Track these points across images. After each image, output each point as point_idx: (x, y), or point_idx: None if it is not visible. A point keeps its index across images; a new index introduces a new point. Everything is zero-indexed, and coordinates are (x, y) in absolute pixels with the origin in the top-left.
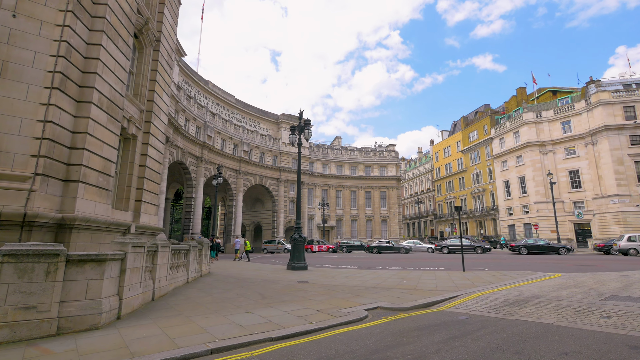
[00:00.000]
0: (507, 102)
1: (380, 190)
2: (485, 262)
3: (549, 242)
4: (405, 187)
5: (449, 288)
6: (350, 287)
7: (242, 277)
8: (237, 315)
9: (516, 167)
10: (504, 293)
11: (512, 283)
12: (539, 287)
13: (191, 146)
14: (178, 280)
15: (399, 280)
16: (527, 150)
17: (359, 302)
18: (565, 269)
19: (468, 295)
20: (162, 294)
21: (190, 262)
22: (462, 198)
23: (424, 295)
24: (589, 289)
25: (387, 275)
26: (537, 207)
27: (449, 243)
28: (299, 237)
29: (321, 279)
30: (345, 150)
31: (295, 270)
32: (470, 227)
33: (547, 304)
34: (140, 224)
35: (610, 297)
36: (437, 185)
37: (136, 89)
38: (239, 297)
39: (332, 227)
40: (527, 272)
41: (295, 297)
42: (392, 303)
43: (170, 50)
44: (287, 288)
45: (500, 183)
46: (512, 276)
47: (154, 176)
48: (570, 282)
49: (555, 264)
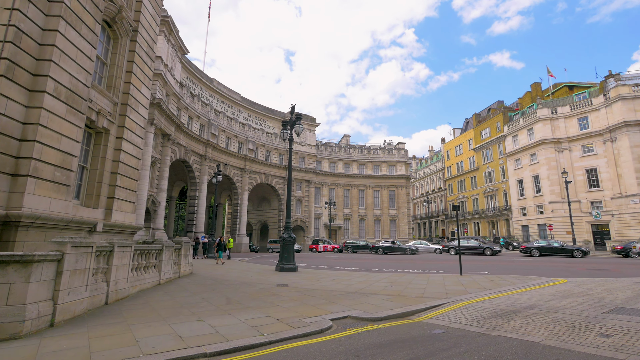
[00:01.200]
0: (521, 99)
1: (389, 189)
2: (491, 264)
3: (562, 244)
4: (416, 186)
5: (436, 295)
6: (330, 291)
7: (222, 279)
8: (186, 324)
9: (530, 166)
10: (496, 302)
11: (510, 290)
12: (537, 295)
13: (194, 144)
14: (145, 283)
15: (387, 285)
16: (541, 147)
17: (329, 310)
18: (574, 274)
19: (455, 304)
20: (121, 297)
21: (164, 263)
22: (473, 197)
23: (406, 303)
24: (593, 299)
25: (376, 278)
26: (552, 207)
27: (457, 244)
28: (288, 237)
29: (304, 282)
30: (354, 149)
31: (283, 271)
32: (482, 227)
33: (540, 316)
34: (112, 222)
35: (616, 309)
36: (448, 185)
37: (110, 80)
38: (202, 301)
39: (339, 226)
40: (530, 277)
41: (263, 302)
42: (365, 312)
43: (152, 41)
44: (260, 292)
45: (513, 182)
46: (511, 281)
47: (130, 172)
48: (574, 289)
49: (566, 268)
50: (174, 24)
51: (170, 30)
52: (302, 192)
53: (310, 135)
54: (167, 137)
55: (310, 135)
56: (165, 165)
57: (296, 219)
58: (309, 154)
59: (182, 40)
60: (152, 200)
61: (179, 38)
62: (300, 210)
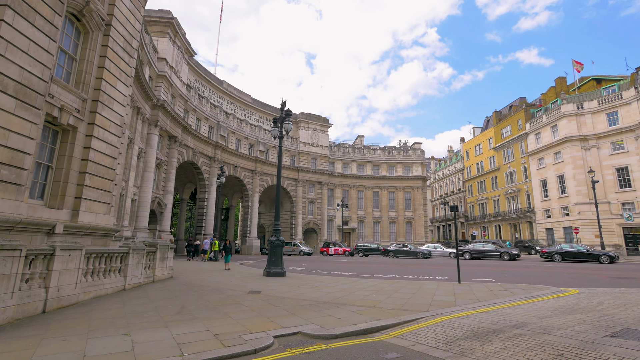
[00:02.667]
0: (545, 94)
1: (405, 190)
2: (503, 270)
3: (587, 249)
4: (435, 187)
5: (418, 307)
6: (301, 300)
7: (196, 285)
8: (105, 339)
9: (554, 165)
10: (482, 317)
11: (506, 302)
12: (535, 309)
13: (203, 146)
14: (105, 288)
15: (369, 294)
16: (566, 145)
17: (282, 325)
18: (593, 283)
19: (433, 319)
20: (67, 304)
21: (130, 267)
22: (494, 199)
23: (376, 317)
24: (599, 316)
25: (363, 286)
26: (578, 208)
27: (472, 248)
28: (276, 239)
29: (281, 289)
30: (368, 150)
31: (269, 276)
32: (503, 230)
33: (524, 338)
34: (78, 223)
35: (623, 331)
36: (468, 186)
37: (79, 76)
38: (151, 310)
39: (353, 229)
40: (537, 286)
41: (217, 313)
42: (322, 327)
43: (130, 37)
44: (225, 300)
45: (536, 182)
46: (513, 292)
47: (104, 172)
48: (582, 303)
49: (585, 276)
50: (180, 26)
51: (175, 33)
52: (314, 194)
53: (323, 136)
54: (174, 139)
55: (322, 136)
56: (172, 167)
57: (308, 221)
58: (322, 155)
59: (188, 43)
60: (158, 202)
61: (185, 40)
62: (313, 212)
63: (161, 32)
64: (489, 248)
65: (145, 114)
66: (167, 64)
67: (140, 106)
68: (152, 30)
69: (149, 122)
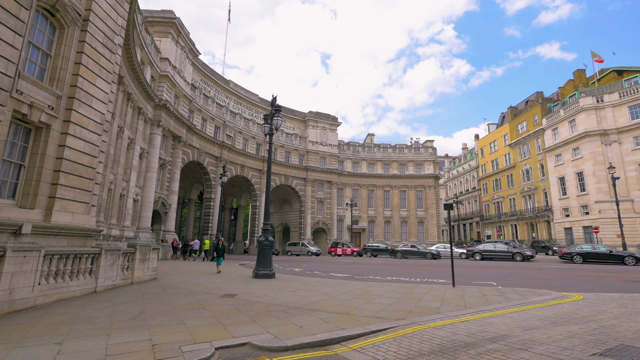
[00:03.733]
0: (562, 88)
1: (417, 189)
2: (510, 272)
3: (611, 250)
4: (449, 186)
5: (394, 315)
6: (273, 305)
7: (173, 286)
8: (32, 348)
9: (573, 161)
10: (460, 328)
11: (496, 309)
12: (524, 318)
13: (209, 146)
14: (70, 291)
15: (348, 299)
16: (585, 141)
17: (235, 333)
18: (604, 287)
19: (404, 329)
20: (21, 308)
21: (103, 269)
22: (510, 197)
23: (342, 326)
24: (594, 328)
25: (349, 289)
26: (599, 207)
27: (482, 248)
28: (264, 240)
29: (259, 292)
30: (378, 148)
31: (257, 278)
32: (520, 230)
33: (497, 355)
34: (51, 223)
35: (616, 349)
36: (482, 184)
37: (53, 72)
38: (105, 316)
39: (363, 229)
40: (539, 290)
41: (175, 318)
42: (275, 337)
43: (112, 32)
44: (192, 304)
45: (554, 180)
46: (508, 297)
47: (82, 170)
48: (581, 311)
49: (600, 279)
50: (183, 26)
51: (178, 32)
52: (323, 193)
53: (332, 135)
54: (178, 139)
55: (331, 135)
56: (176, 168)
57: (317, 221)
58: (331, 154)
59: (193, 43)
60: (162, 202)
61: (189, 40)
62: (322, 212)
63: (164, 33)
64: (500, 248)
65: (147, 114)
66: (169, 64)
67: (142, 106)
68: (155, 30)
69: (152, 122)
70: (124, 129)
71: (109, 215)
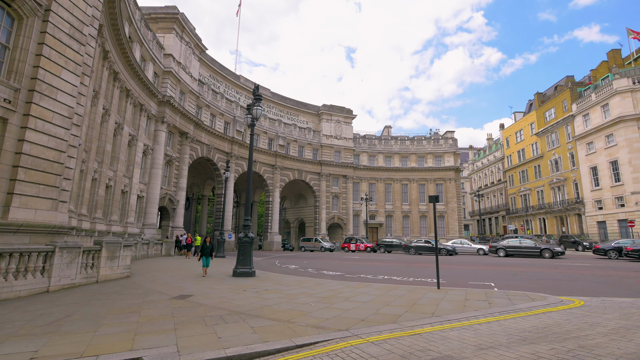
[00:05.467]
0: (595, 70)
1: (436, 182)
2: (521, 271)
3: None
4: (474, 179)
5: (340, 324)
6: (218, 309)
7: (135, 286)
8: None
9: (606, 149)
10: (402, 343)
11: (467, 318)
12: (491, 332)
13: (219, 142)
14: (14, 291)
15: (312, 301)
16: (620, 126)
17: (140, 345)
18: (621, 290)
19: (337, 343)
20: None
21: (57, 267)
22: (538, 190)
23: (269, 337)
24: (569, 350)
25: (320, 290)
26: (635, 198)
27: (507, 244)
28: (244, 236)
29: (220, 293)
30: (395, 140)
31: (236, 276)
32: (549, 224)
33: None
34: (8, 220)
35: None
36: (508, 176)
37: (12, 64)
38: (21, 320)
39: (380, 223)
40: (534, 294)
41: (96, 324)
42: (177, 352)
43: (80, 23)
44: (131, 307)
45: (585, 170)
46: (492, 303)
47: (46, 166)
48: (568, 324)
49: (622, 280)
50: (187, 22)
51: (182, 28)
52: (338, 188)
53: (347, 128)
54: (185, 135)
55: (346, 128)
56: (184, 164)
57: (333, 216)
58: (346, 147)
59: (199, 38)
60: (169, 198)
61: (194, 36)
62: (337, 207)
63: (167, 28)
64: (527, 244)
65: (150, 110)
66: (174, 60)
67: (143, 102)
68: (159, 27)
69: (156, 118)
70: (123, 126)
71: (108, 212)
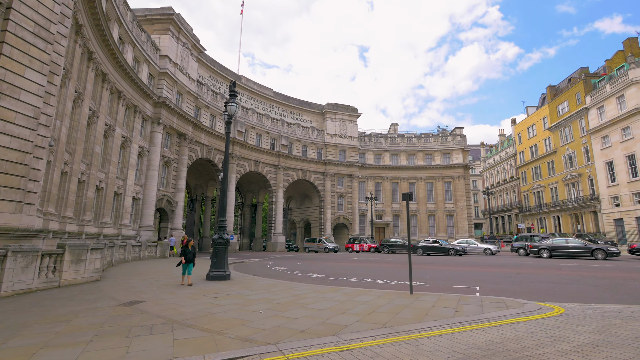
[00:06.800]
0: (610, 60)
1: (445, 180)
2: (520, 273)
3: None
4: (486, 176)
5: (273, 336)
6: (157, 318)
7: (96, 290)
8: None
9: (622, 143)
10: None
11: (417, 331)
12: (432, 348)
13: (219, 142)
14: None
15: (261, 309)
16: (637, 118)
17: None
18: (618, 296)
19: None
20: None
21: (9, 272)
22: (551, 187)
23: (182, 353)
24: None
25: (280, 296)
26: None
27: (551, 244)
28: (218, 238)
29: (174, 299)
30: (402, 138)
31: (209, 280)
32: (563, 222)
33: None
34: None
35: None
36: (521, 173)
37: None
38: None
39: (387, 223)
40: (511, 301)
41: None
42: None
43: (47, 21)
44: (71, 314)
45: (600, 165)
46: (460, 311)
47: (8, 167)
48: (530, 338)
49: (625, 284)
50: (183, 22)
51: (178, 29)
52: (343, 187)
53: (352, 126)
54: (184, 136)
55: (351, 127)
56: (183, 165)
57: (338, 216)
58: (351, 146)
59: (197, 39)
60: (167, 200)
61: (191, 36)
62: (343, 207)
63: (163, 30)
64: (575, 244)
65: (145, 111)
66: (170, 61)
67: (138, 104)
68: (155, 28)
69: (152, 120)
70: (114, 127)
71: (100, 214)
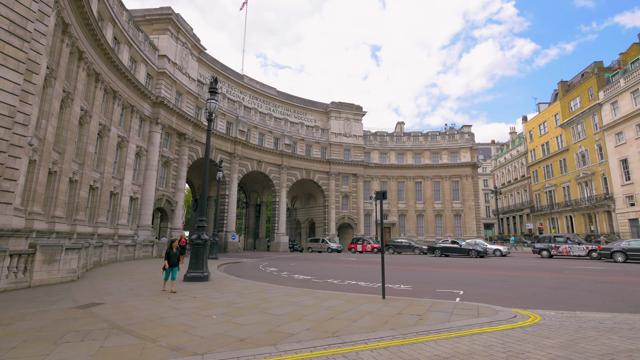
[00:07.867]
0: (624, 54)
1: (452, 180)
2: (512, 275)
3: None
4: (497, 175)
5: (206, 345)
6: (104, 322)
7: (63, 292)
8: None
9: (637, 139)
10: None
11: (365, 341)
12: None
13: (221, 142)
14: None
15: (216, 314)
16: None
17: None
18: (610, 303)
19: None
20: None
21: None
22: (564, 185)
23: None
24: None
25: (247, 300)
26: None
27: (627, 246)
28: (197, 238)
29: (134, 302)
30: (407, 137)
31: (187, 281)
32: (576, 222)
33: None
34: None
35: None
36: (532, 171)
37: None
38: None
39: (393, 223)
40: (487, 308)
41: None
42: None
43: (23, 19)
44: (17, 318)
45: (614, 163)
46: (425, 319)
47: None
48: (481, 355)
49: (625, 289)
50: (183, 22)
51: (177, 29)
52: (348, 187)
53: (356, 125)
54: (183, 136)
55: (356, 126)
56: (182, 165)
57: (343, 216)
58: (355, 145)
59: (197, 39)
60: (167, 200)
61: (191, 36)
62: (348, 206)
63: (162, 29)
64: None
65: (143, 111)
66: (168, 60)
67: (135, 104)
68: (154, 28)
69: (150, 119)
70: (109, 127)
71: (95, 213)
